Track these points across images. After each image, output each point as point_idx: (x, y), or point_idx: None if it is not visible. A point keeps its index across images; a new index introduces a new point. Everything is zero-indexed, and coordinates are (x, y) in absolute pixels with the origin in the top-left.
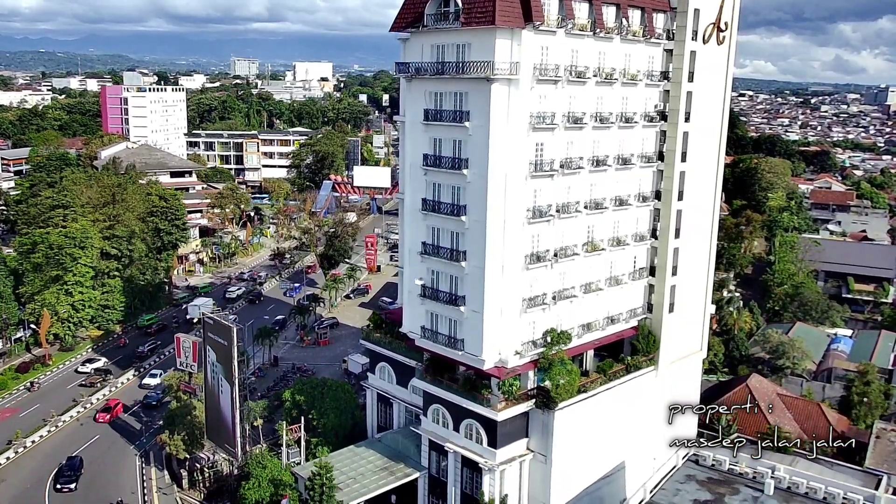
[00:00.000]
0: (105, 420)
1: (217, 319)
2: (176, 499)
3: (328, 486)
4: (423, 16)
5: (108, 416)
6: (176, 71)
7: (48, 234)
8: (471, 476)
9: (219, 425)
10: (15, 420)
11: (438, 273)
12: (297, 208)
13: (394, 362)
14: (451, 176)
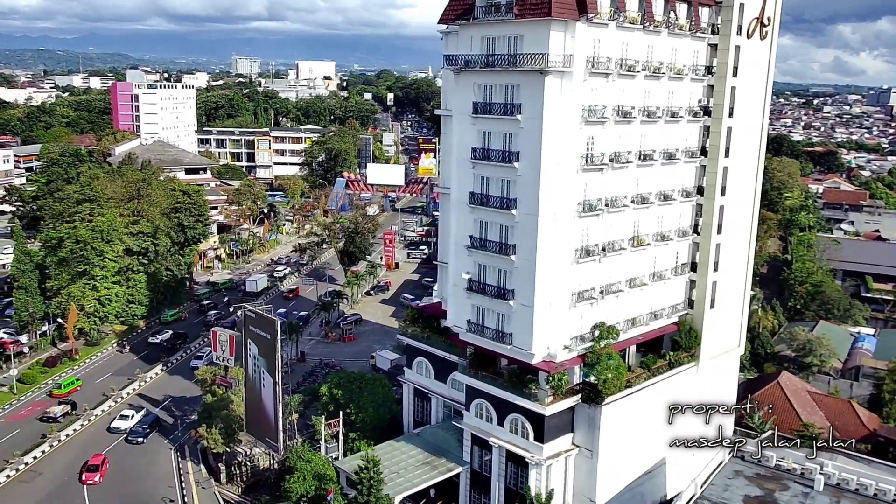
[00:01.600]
0: (93, 481)
1: (260, 313)
2: (215, 493)
3: (376, 480)
4: (474, 8)
5: (96, 477)
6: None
7: (75, 229)
8: (515, 471)
9: (260, 419)
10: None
11: (486, 267)
12: (312, 205)
13: (432, 357)
14: (501, 169)
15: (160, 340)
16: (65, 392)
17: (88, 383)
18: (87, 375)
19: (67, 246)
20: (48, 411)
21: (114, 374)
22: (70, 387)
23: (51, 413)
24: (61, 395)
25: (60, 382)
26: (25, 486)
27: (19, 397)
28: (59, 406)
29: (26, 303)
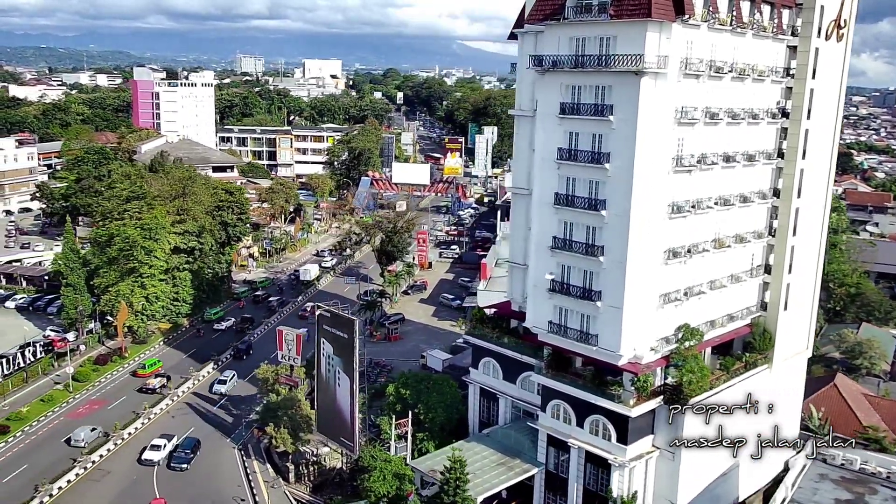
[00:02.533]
0: None
1: (336, 312)
2: (285, 492)
3: (462, 481)
4: (564, 8)
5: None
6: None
7: (124, 226)
8: (595, 472)
9: (333, 419)
10: (104, 412)
11: (570, 267)
12: (336, 204)
13: (500, 357)
14: (590, 170)
15: (225, 327)
16: (149, 372)
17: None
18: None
19: (117, 244)
20: (148, 383)
21: (168, 371)
22: (153, 367)
23: (150, 385)
24: (146, 374)
25: (144, 363)
26: (95, 484)
27: (75, 395)
28: (156, 378)
29: (75, 300)
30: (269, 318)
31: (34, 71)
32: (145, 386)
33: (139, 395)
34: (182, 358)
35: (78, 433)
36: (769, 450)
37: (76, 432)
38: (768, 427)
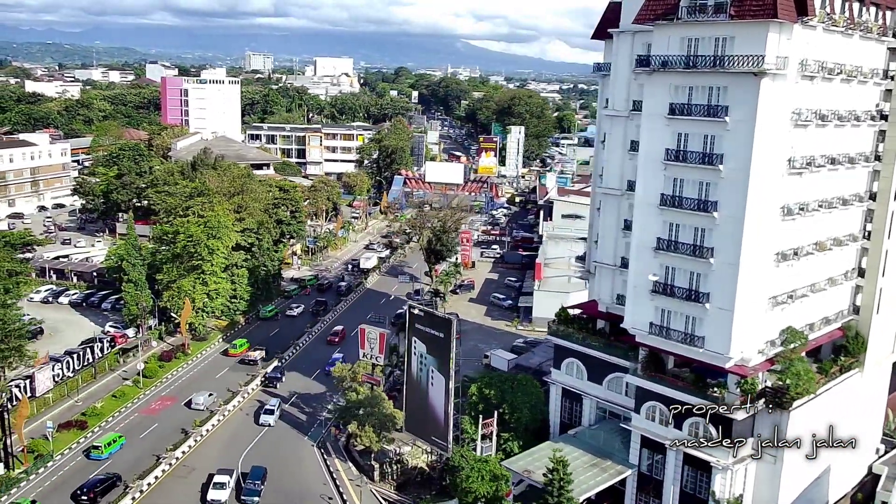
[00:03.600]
0: None
1: (432, 312)
2: (371, 491)
3: (566, 482)
4: (676, 8)
5: None
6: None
7: (187, 224)
8: (693, 475)
9: (425, 418)
10: (176, 409)
11: (675, 269)
12: (371, 202)
13: (585, 358)
14: (700, 171)
15: (297, 314)
16: (239, 351)
17: (207, 377)
18: (205, 369)
19: (181, 241)
20: (249, 355)
21: (231, 369)
22: (243, 346)
23: (251, 357)
24: (237, 354)
25: (235, 342)
26: (183, 481)
27: (145, 391)
28: (256, 352)
29: (136, 297)
30: (337, 304)
31: (44, 67)
32: (247, 357)
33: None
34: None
35: (198, 397)
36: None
37: (195, 396)
38: (857, 430)
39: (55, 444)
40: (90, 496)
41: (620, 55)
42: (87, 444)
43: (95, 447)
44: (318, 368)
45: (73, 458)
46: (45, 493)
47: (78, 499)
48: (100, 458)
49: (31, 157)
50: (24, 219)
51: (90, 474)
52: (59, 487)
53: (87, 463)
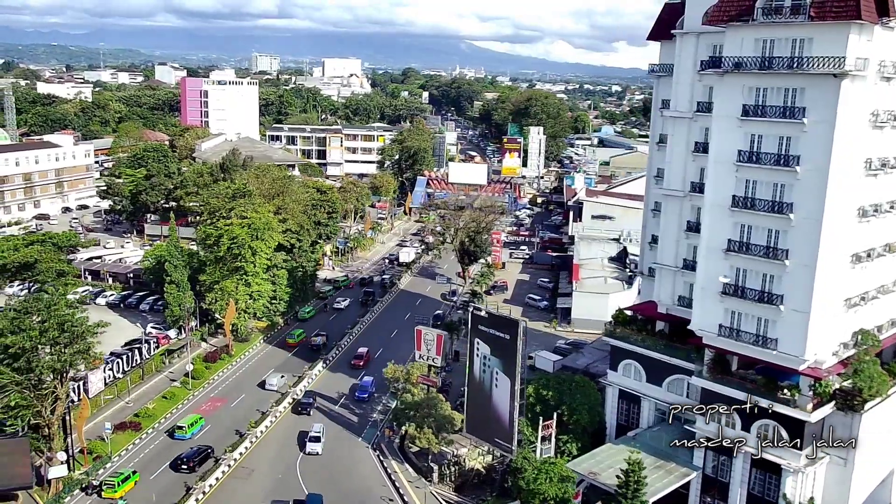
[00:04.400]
0: None
1: (496, 314)
2: (432, 493)
3: (641, 483)
4: (752, 10)
5: None
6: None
7: (231, 226)
8: (762, 477)
9: (488, 420)
10: (227, 409)
11: (746, 271)
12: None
13: (644, 359)
14: (775, 173)
15: (344, 306)
16: (297, 341)
17: (252, 378)
18: (250, 369)
19: (225, 243)
20: (312, 340)
21: (276, 370)
22: (300, 337)
23: (314, 342)
24: (294, 343)
25: (293, 333)
26: (243, 482)
27: (194, 392)
28: (318, 337)
29: (179, 298)
30: (384, 295)
31: (52, 69)
32: (311, 343)
33: (257, 393)
34: (287, 356)
35: (271, 378)
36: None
37: (269, 377)
38: None
39: (111, 446)
40: (190, 465)
41: (684, 56)
42: (141, 445)
43: (179, 427)
44: (341, 391)
45: (156, 437)
46: (137, 467)
47: (178, 468)
48: (184, 437)
49: (55, 158)
50: (51, 220)
51: (175, 451)
52: (147, 466)
53: (172, 442)
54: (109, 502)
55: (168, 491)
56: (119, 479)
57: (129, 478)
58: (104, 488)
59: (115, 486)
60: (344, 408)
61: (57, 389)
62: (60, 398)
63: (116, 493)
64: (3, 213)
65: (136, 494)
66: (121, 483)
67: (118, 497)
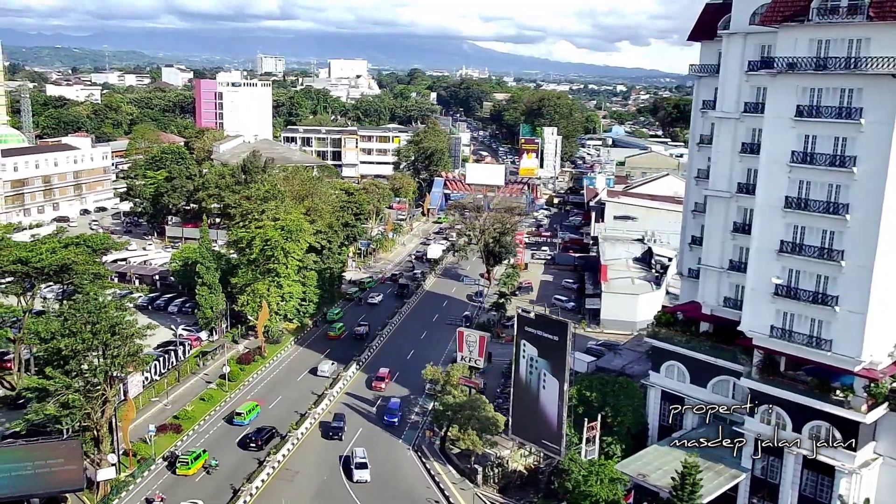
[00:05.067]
0: None
1: (544, 315)
2: (477, 495)
3: (698, 486)
4: (807, 10)
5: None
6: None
7: (263, 228)
8: (814, 479)
9: (535, 422)
10: (264, 412)
11: (799, 272)
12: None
13: (688, 360)
14: (830, 173)
15: (378, 301)
16: (337, 334)
17: (289, 380)
18: (284, 371)
19: (258, 245)
20: (356, 330)
21: (310, 371)
22: (341, 330)
23: (357, 331)
24: (335, 336)
25: (334, 326)
26: (288, 484)
27: (230, 394)
28: (361, 327)
29: (211, 300)
30: (417, 289)
31: (58, 71)
32: (355, 333)
33: (295, 393)
34: (320, 357)
35: (323, 365)
36: None
37: (321, 364)
38: None
39: (154, 448)
40: (258, 443)
41: (730, 57)
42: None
43: (238, 414)
44: (368, 414)
45: (214, 423)
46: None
47: (247, 446)
48: (242, 423)
49: (74, 160)
50: (70, 222)
51: (235, 435)
52: (213, 448)
53: (230, 428)
54: None
55: (238, 467)
56: (191, 457)
57: (199, 456)
58: (178, 465)
59: (188, 464)
60: (381, 408)
61: (106, 392)
62: (110, 400)
63: (190, 469)
64: (24, 216)
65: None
66: (193, 461)
67: (191, 473)
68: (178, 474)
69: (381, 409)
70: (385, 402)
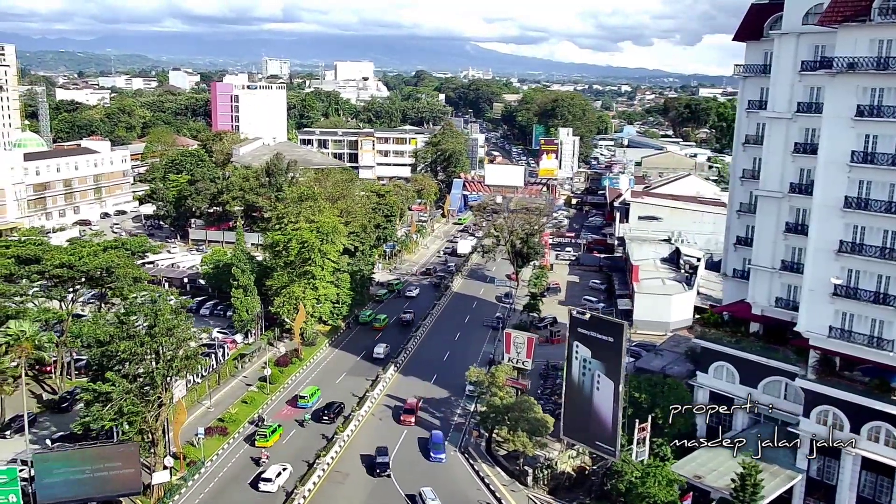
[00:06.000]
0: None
1: (599, 316)
2: (529, 496)
3: (759, 486)
4: (868, 10)
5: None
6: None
7: (300, 230)
8: (873, 480)
9: (587, 422)
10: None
11: (859, 272)
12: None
13: (737, 361)
14: (890, 173)
15: (416, 294)
16: (382, 325)
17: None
18: (322, 372)
19: (294, 247)
20: (402, 316)
21: (348, 373)
22: (385, 321)
23: (404, 317)
24: (380, 327)
25: (379, 317)
26: (339, 486)
27: (272, 396)
28: (406, 314)
29: (247, 303)
30: (452, 281)
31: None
32: (402, 319)
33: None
34: (356, 359)
35: (377, 348)
36: None
37: (376, 347)
38: None
39: (203, 451)
40: (330, 416)
41: (783, 57)
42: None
43: (302, 397)
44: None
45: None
46: None
47: (320, 419)
48: (305, 406)
49: (94, 164)
50: (92, 225)
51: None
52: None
53: (294, 410)
54: None
55: (310, 440)
56: (269, 430)
57: (276, 430)
58: (257, 438)
59: (266, 436)
60: (423, 410)
61: (162, 395)
62: (165, 404)
63: (268, 441)
64: (45, 219)
65: (285, 443)
66: (269, 434)
67: (269, 445)
68: (257, 446)
69: (422, 444)
70: (423, 434)
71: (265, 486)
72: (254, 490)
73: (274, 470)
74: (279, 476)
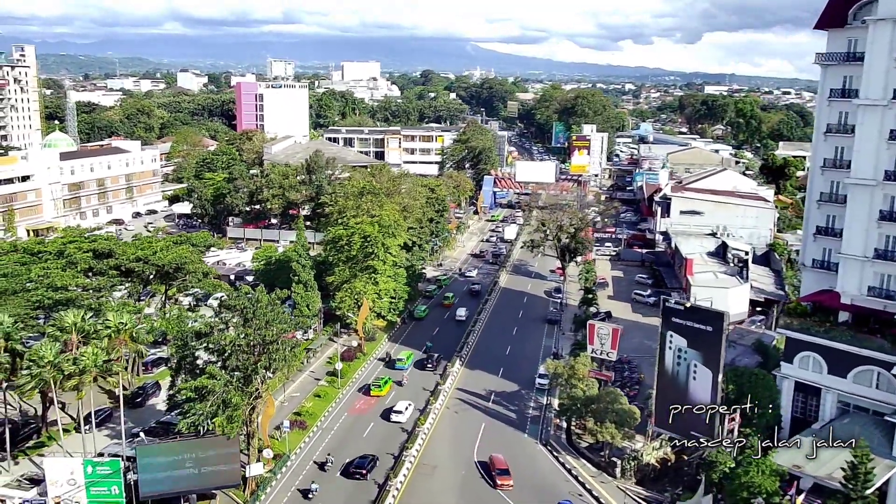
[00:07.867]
0: None
1: (697, 305)
2: (619, 487)
3: (871, 475)
4: None
5: None
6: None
7: (363, 224)
8: None
9: (682, 413)
10: (380, 406)
11: None
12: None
13: (825, 350)
14: None
15: (474, 275)
16: (451, 302)
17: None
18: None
19: (357, 242)
20: (472, 288)
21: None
22: (452, 298)
23: (474, 288)
24: (448, 304)
25: (447, 296)
26: (429, 479)
27: (342, 391)
28: (476, 285)
29: (307, 298)
30: (504, 264)
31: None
32: (471, 290)
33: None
34: (418, 354)
35: (459, 311)
36: None
37: (458, 310)
38: None
39: (287, 444)
40: (430, 364)
41: (877, 43)
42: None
43: (399, 359)
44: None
45: (336, 418)
46: None
47: (425, 367)
48: (403, 368)
49: (125, 163)
50: (126, 224)
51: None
52: (339, 444)
53: (391, 372)
54: None
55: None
56: (382, 381)
57: (387, 381)
58: (372, 388)
59: (380, 386)
60: (496, 403)
61: (259, 388)
62: (262, 397)
63: (382, 390)
64: (80, 219)
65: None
66: (383, 384)
67: (383, 394)
68: (372, 395)
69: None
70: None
71: (396, 417)
72: (385, 421)
73: (403, 404)
74: (407, 409)
